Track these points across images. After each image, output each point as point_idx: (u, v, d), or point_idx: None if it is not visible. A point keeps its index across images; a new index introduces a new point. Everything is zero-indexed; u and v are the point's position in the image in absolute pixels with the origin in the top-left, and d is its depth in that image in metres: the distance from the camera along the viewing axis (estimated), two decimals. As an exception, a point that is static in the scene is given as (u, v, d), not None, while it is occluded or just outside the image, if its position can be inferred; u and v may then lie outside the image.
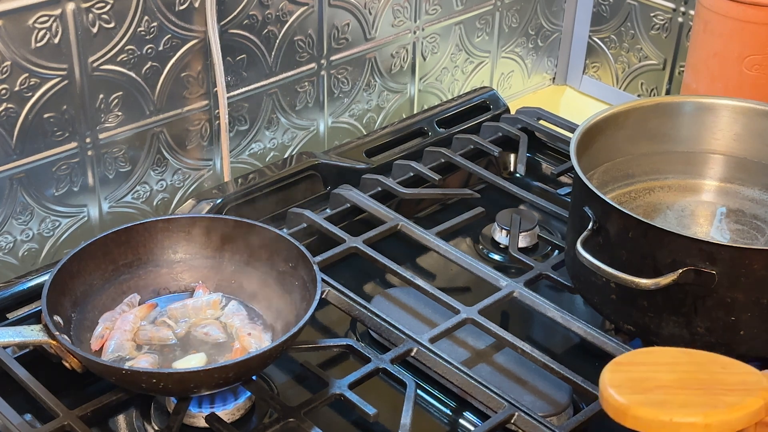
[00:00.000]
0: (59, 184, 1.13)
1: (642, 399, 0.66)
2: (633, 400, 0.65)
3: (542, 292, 1.10)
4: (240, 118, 1.27)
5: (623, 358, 0.69)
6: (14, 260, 1.13)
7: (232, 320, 1.00)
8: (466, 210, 1.21)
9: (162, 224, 1.04)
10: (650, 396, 0.66)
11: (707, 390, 0.67)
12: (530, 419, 0.92)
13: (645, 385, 0.67)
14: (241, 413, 0.95)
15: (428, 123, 1.38)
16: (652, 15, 1.50)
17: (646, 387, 0.67)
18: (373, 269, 1.13)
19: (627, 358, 0.70)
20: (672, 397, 0.65)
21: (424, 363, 0.99)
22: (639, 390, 0.66)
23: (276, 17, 1.24)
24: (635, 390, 0.67)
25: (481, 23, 1.50)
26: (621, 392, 0.67)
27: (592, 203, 0.98)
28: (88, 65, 1.10)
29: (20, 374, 0.95)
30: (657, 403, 0.66)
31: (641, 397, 0.66)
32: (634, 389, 0.67)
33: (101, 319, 0.99)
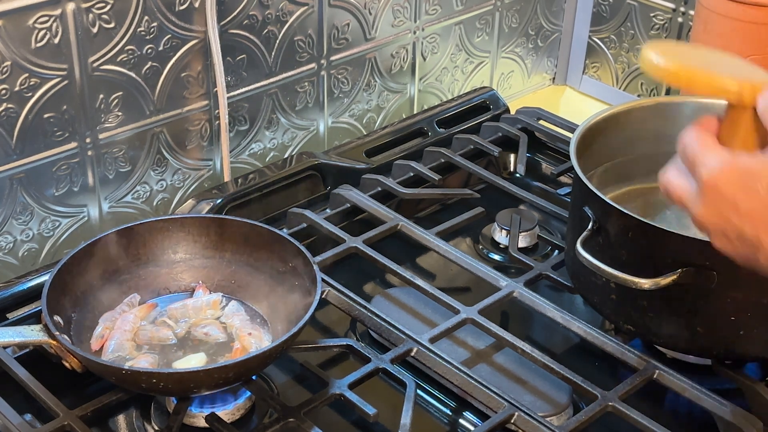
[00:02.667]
0: (59, 184, 1.13)
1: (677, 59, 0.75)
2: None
3: (542, 292, 1.10)
4: (240, 118, 1.27)
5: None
6: (14, 260, 1.13)
7: (232, 320, 1.00)
8: (466, 210, 1.21)
9: (162, 224, 1.04)
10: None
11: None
12: (530, 419, 0.92)
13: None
14: (241, 413, 0.95)
15: (428, 123, 1.38)
16: (652, 15, 1.50)
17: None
18: (373, 269, 1.13)
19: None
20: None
21: (424, 363, 0.99)
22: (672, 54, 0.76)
23: (276, 17, 1.24)
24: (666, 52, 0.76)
25: (481, 23, 1.50)
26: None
27: (592, 203, 0.98)
28: (88, 65, 1.10)
29: (20, 374, 0.95)
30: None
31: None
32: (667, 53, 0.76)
33: (101, 319, 0.99)
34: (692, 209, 0.72)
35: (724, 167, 0.69)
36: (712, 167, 0.70)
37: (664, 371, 0.97)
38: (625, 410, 0.93)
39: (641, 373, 0.97)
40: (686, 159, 0.73)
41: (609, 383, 0.96)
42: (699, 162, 0.71)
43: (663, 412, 1.00)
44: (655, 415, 0.92)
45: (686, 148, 0.73)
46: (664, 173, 0.75)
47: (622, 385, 0.95)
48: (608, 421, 0.94)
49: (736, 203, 0.69)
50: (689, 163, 0.72)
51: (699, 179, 0.71)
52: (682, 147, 0.73)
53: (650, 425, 0.91)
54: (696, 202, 0.72)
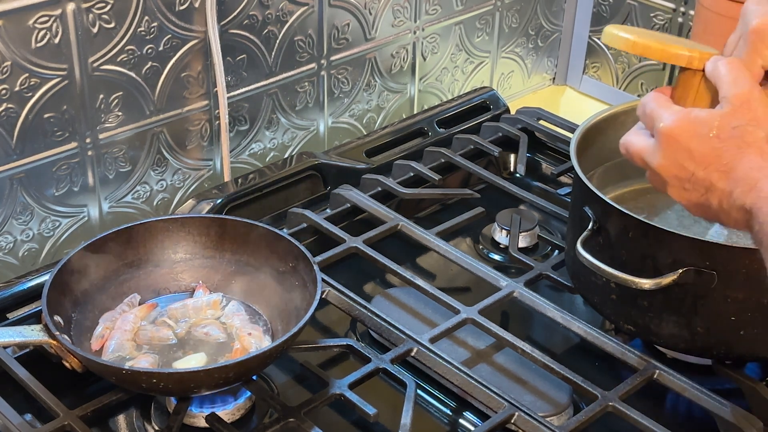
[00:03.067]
0: (59, 184, 1.13)
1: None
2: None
3: (542, 292, 1.10)
4: (240, 118, 1.27)
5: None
6: (14, 260, 1.13)
7: (232, 320, 1.00)
8: (466, 210, 1.21)
9: (162, 224, 1.04)
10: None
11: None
12: (530, 419, 0.92)
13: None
14: (242, 413, 0.95)
15: (428, 123, 1.38)
16: (652, 15, 1.50)
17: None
18: (373, 269, 1.13)
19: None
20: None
21: (424, 363, 0.99)
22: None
23: (276, 17, 1.24)
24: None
25: (481, 23, 1.50)
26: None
27: (592, 203, 0.98)
28: (88, 65, 1.10)
29: (20, 374, 0.95)
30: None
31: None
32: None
33: (101, 319, 0.99)
34: (651, 161, 0.80)
35: (680, 118, 0.78)
36: (669, 119, 0.78)
37: (664, 371, 0.97)
38: (625, 410, 0.93)
39: (641, 373, 0.97)
40: (645, 116, 0.81)
41: (609, 383, 0.96)
42: (656, 117, 0.79)
43: (663, 412, 1.00)
44: (655, 415, 0.92)
45: (645, 108, 0.81)
46: (624, 137, 0.83)
47: (622, 385, 0.95)
48: (608, 421, 0.94)
49: (690, 149, 0.77)
50: (648, 119, 0.81)
51: (657, 132, 0.79)
52: (641, 107, 0.82)
53: (650, 425, 0.91)
54: (654, 153, 0.79)
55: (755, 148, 0.75)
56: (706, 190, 0.77)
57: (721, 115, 0.76)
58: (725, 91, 0.77)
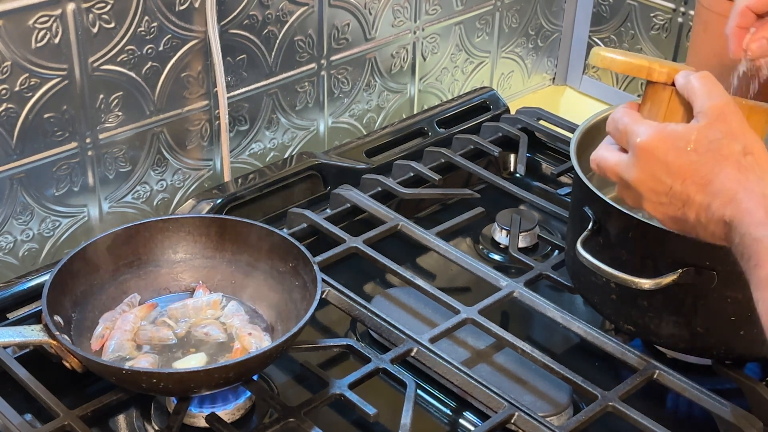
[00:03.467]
0: (59, 184, 1.13)
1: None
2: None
3: (542, 292, 1.10)
4: (240, 118, 1.27)
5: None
6: (14, 260, 1.13)
7: (231, 320, 1.00)
8: (466, 210, 1.21)
9: (162, 224, 1.04)
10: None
11: None
12: (530, 419, 0.92)
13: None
14: (242, 413, 0.95)
15: (428, 123, 1.38)
16: (652, 15, 1.50)
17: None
18: (373, 269, 1.13)
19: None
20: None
21: (424, 363, 0.99)
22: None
23: (276, 17, 1.24)
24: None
25: (481, 23, 1.50)
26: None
27: (592, 203, 0.98)
28: (88, 65, 1.10)
29: (20, 374, 0.95)
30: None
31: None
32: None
33: (101, 319, 0.99)
34: (626, 175, 0.80)
35: (656, 132, 0.78)
36: (645, 133, 0.78)
37: (664, 371, 0.97)
38: (625, 410, 0.93)
39: (641, 373, 0.97)
40: (617, 132, 0.81)
41: (609, 383, 0.96)
42: (631, 131, 0.79)
43: (663, 412, 1.00)
44: (655, 415, 0.92)
45: (617, 123, 0.81)
46: (595, 152, 0.84)
47: (622, 385, 0.95)
48: (608, 421, 0.94)
49: (667, 163, 0.77)
50: (621, 134, 0.81)
51: (633, 146, 0.79)
52: (612, 123, 0.82)
53: (650, 425, 0.91)
54: (630, 168, 0.79)
55: (732, 161, 0.75)
56: (684, 203, 0.77)
57: (697, 129, 0.76)
58: (700, 104, 0.78)
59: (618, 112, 0.82)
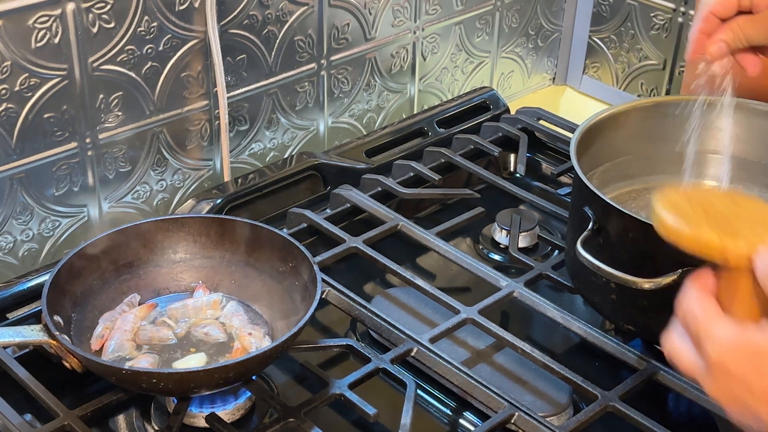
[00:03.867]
0: (59, 184, 1.13)
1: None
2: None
3: (542, 292, 1.10)
4: (240, 118, 1.27)
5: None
6: (14, 260, 1.13)
7: (231, 320, 1.00)
8: (466, 210, 1.21)
9: (162, 224, 1.04)
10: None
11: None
12: (530, 419, 0.92)
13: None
14: (242, 413, 0.95)
15: (428, 123, 1.38)
16: (652, 15, 1.50)
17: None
18: (373, 269, 1.13)
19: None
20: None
21: (424, 363, 0.99)
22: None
23: (276, 17, 1.24)
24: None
25: (481, 23, 1.50)
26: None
27: (592, 203, 0.98)
28: (88, 65, 1.10)
29: (20, 374, 0.95)
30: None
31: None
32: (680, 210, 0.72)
33: (101, 319, 0.99)
34: (702, 384, 0.69)
35: (732, 345, 0.66)
36: (720, 345, 0.67)
37: (664, 371, 0.97)
38: (625, 410, 0.93)
39: (641, 373, 0.97)
40: (690, 330, 0.70)
41: (609, 383, 0.96)
42: (704, 336, 0.68)
43: (663, 412, 1.00)
44: (655, 415, 0.92)
45: (688, 318, 0.70)
46: (668, 339, 0.72)
47: (622, 385, 0.95)
48: (608, 421, 0.94)
49: (749, 384, 0.66)
50: (694, 335, 0.69)
51: (707, 356, 0.68)
52: (683, 314, 0.70)
53: (650, 425, 0.91)
54: (705, 379, 0.69)
55: None
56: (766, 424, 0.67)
57: None
58: None
59: (690, 298, 0.70)
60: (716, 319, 0.68)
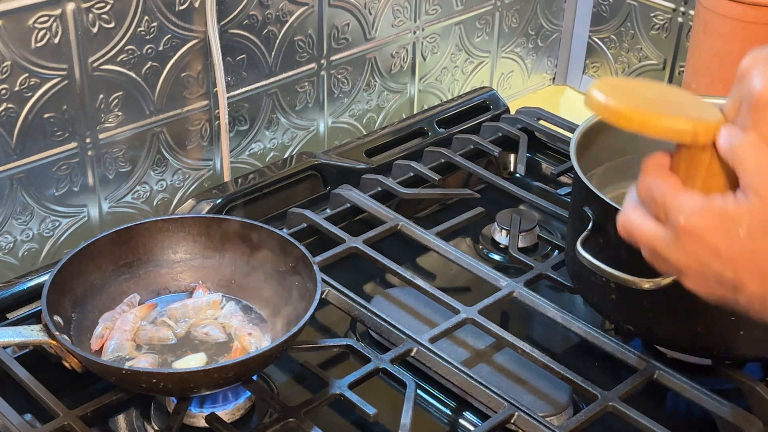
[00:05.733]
0: (59, 184, 1.13)
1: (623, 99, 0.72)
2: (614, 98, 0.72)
3: (542, 292, 1.10)
4: (240, 118, 1.27)
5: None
6: (14, 260, 1.13)
7: (230, 320, 1.00)
8: (466, 210, 1.21)
9: (162, 224, 1.04)
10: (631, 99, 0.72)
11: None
12: (530, 419, 0.92)
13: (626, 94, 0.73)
14: (241, 413, 0.95)
15: (428, 123, 1.38)
16: (652, 15, 1.50)
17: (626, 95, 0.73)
18: (373, 269, 1.13)
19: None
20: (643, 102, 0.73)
21: (424, 363, 0.99)
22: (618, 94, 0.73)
23: (276, 17, 1.24)
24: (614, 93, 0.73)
25: (481, 23, 1.50)
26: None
27: (592, 203, 0.98)
28: (88, 65, 1.10)
29: (20, 374, 0.95)
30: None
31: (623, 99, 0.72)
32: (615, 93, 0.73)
33: (101, 319, 0.99)
34: (667, 255, 0.71)
35: (703, 212, 0.68)
36: (690, 212, 0.69)
37: (664, 371, 0.97)
38: (625, 410, 0.93)
39: (641, 373, 0.97)
40: (652, 201, 0.71)
41: (609, 383, 0.96)
42: (672, 206, 0.70)
43: (663, 412, 1.00)
44: (655, 415, 0.92)
45: (654, 192, 0.71)
46: (624, 214, 0.74)
47: (622, 385, 0.95)
48: (608, 421, 0.94)
49: (717, 248, 0.68)
50: (657, 205, 0.71)
51: (675, 226, 0.70)
52: (645, 190, 0.72)
53: (650, 425, 0.91)
54: (671, 248, 0.71)
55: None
56: (735, 290, 0.70)
57: (750, 210, 0.67)
58: (750, 178, 0.67)
59: (650, 174, 0.72)
60: (683, 190, 0.70)
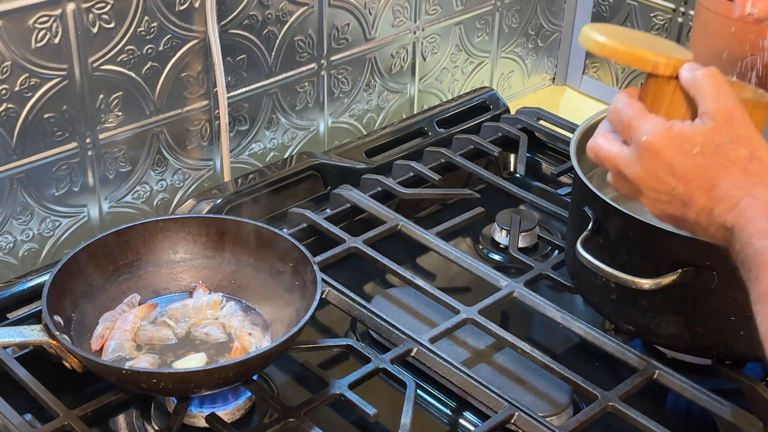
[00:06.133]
0: (59, 184, 1.13)
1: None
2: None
3: (542, 292, 1.10)
4: (240, 118, 1.27)
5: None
6: (14, 260, 1.13)
7: (230, 320, 1.00)
8: (466, 210, 1.21)
9: (162, 224, 1.04)
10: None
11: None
12: (530, 419, 0.92)
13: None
14: (242, 413, 0.95)
15: (428, 123, 1.38)
16: (652, 15, 1.50)
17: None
18: (373, 269, 1.13)
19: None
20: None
21: (424, 363, 0.99)
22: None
23: (276, 17, 1.24)
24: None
25: (481, 23, 1.50)
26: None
27: (592, 203, 0.98)
28: (88, 65, 1.10)
29: (20, 374, 0.95)
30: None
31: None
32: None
33: (101, 319, 0.99)
34: (627, 171, 0.79)
35: (662, 132, 0.76)
36: (651, 131, 0.77)
37: (664, 371, 0.97)
38: (625, 410, 0.93)
39: (641, 373, 0.97)
40: (620, 123, 0.80)
41: (609, 383, 0.96)
42: (636, 127, 0.78)
43: (663, 412, 1.00)
44: (655, 415, 0.92)
45: (620, 114, 0.80)
46: (594, 138, 0.82)
47: (622, 385, 0.95)
48: (608, 421, 0.94)
49: (672, 164, 0.76)
50: (624, 127, 0.79)
51: (637, 143, 0.78)
52: (614, 114, 0.80)
53: (650, 425, 0.91)
54: (632, 163, 0.78)
55: (738, 167, 0.74)
56: (684, 204, 0.77)
57: (704, 132, 0.75)
58: (707, 106, 0.76)
59: (620, 101, 0.80)
60: (646, 113, 0.79)
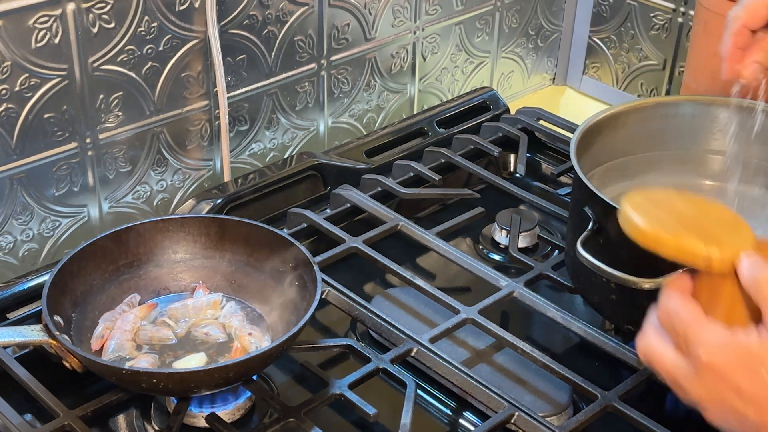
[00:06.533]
0: (59, 184, 1.13)
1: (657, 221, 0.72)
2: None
3: (542, 292, 1.10)
4: (240, 118, 1.27)
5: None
6: (14, 260, 1.13)
7: (231, 321, 1.00)
8: (466, 210, 1.21)
9: (162, 224, 1.04)
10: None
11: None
12: (530, 419, 0.92)
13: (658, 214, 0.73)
14: (242, 413, 0.95)
15: (428, 123, 1.38)
16: (652, 15, 1.50)
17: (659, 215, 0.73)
18: (373, 269, 1.13)
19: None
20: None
21: (424, 363, 0.99)
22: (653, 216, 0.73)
23: (276, 17, 1.24)
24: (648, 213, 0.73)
25: (481, 23, 1.50)
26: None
27: (592, 203, 0.98)
28: (88, 65, 1.10)
29: (20, 374, 0.95)
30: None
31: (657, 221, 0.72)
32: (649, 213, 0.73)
33: (101, 319, 0.99)
34: (687, 388, 0.70)
35: (724, 348, 0.67)
36: (710, 347, 0.67)
37: (664, 371, 0.96)
38: (625, 410, 0.93)
39: (641, 373, 0.97)
40: (674, 331, 0.70)
41: (609, 383, 0.96)
42: (693, 339, 0.68)
43: (663, 412, 1.00)
44: (655, 415, 0.92)
45: (674, 321, 0.70)
46: (646, 340, 0.72)
47: (622, 385, 0.95)
48: (608, 421, 0.94)
49: (739, 387, 0.66)
50: (681, 338, 0.69)
51: (696, 360, 0.68)
52: (666, 317, 0.70)
53: (650, 425, 0.91)
54: (691, 381, 0.69)
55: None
56: (756, 430, 0.67)
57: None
58: None
59: (672, 302, 0.70)
60: (704, 322, 0.68)
